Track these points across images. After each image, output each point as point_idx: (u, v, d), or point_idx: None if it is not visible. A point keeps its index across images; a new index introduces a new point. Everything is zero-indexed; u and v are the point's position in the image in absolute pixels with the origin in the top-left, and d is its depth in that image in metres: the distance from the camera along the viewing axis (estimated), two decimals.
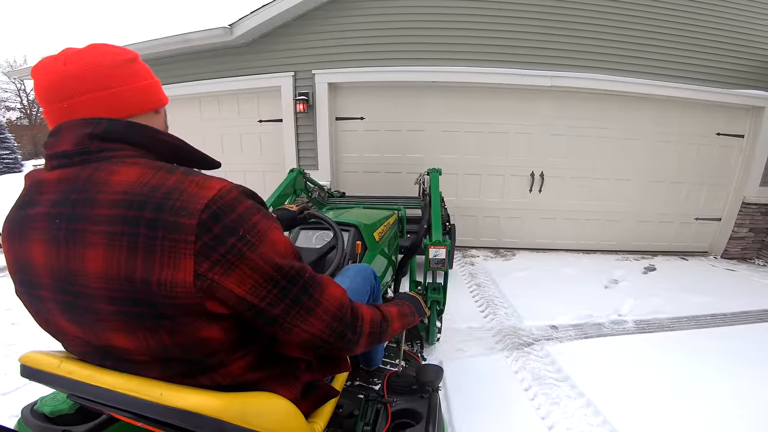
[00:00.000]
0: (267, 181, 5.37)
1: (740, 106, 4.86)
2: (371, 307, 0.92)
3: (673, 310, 3.59)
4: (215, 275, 0.62)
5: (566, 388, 2.45)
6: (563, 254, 5.22)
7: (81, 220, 0.63)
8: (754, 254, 5.43)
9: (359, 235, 2.17)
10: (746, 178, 5.03)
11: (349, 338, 0.81)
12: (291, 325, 0.72)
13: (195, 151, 0.79)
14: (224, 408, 0.63)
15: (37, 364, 0.73)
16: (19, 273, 0.72)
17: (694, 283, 4.31)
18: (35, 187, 0.70)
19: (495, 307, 3.56)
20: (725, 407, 2.27)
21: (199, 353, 0.69)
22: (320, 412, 0.97)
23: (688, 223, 5.39)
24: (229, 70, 4.91)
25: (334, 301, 0.77)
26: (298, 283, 0.71)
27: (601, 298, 3.80)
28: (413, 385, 1.34)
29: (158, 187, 0.62)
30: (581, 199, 5.18)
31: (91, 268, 0.62)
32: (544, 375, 2.58)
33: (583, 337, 3.06)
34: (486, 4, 4.47)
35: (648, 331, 3.23)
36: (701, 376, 2.56)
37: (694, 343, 2.98)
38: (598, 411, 2.23)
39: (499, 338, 3.02)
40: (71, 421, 0.87)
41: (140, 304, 0.62)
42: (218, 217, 0.62)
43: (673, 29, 4.58)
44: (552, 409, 2.27)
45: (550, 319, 3.33)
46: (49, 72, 0.68)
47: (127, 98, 0.73)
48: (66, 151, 0.67)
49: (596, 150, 4.98)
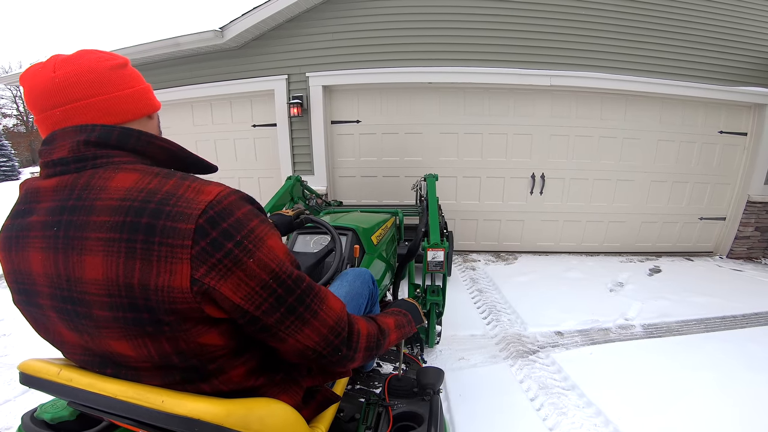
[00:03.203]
0: (262, 187, 5.34)
1: (742, 103, 4.87)
2: (368, 320, 0.93)
3: (680, 313, 3.55)
4: (211, 280, 0.61)
5: (574, 397, 2.40)
6: (566, 257, 5.19)
7: (79, 228, 0.63)
8: (761, 254, 5.41)
9: (357, 238, 2.16)
10: (750, 177, 5.03)
11: (344, 354, 0.81)
12: (285, 335, 0.71)
13: (191, 155, 0.79)
14: (226, 414, 0.64)
15: (37, 372, 0.74)
16: (16, 282, 0.72)
17: (701, 284, 4.29)
18: (31, 196, 0.71)
19: (498, 313, 3.51)
20: (739, 413, 2.22)
21: (199, 360, 0.69)
22: (322, 417, 0.98)
23: (693, 222, 5.38)
24: (222, 74, 4.89)
25: (333, 315, 0.77)
26: (295, 292, 0.71)
27: (606, 302, 3.75)
28: (414, 387, 1.34)
29: (155, 192, 0.62)
30: (583, 201, 5.16)
31: (89, 274, 0.62)
32: (551, 384, 2.53)
33: (590, 344, 3.00)
34: (483, 4, 4.47)
35: (656, 335, 3.18)
36: (714, 381, 2.51)
37: (704, 347, 2.94)
38: (608, 420, 2.19)
39: (502, 346, 2.96)
40: (72, 427, 0.87)
41: (139, 310, 0.62)
42: (216, 221, 0.62)
43: (674, 26, 4.59)
44: (560, 419, 2.22)
45: (555, 325, 3.28)
46: (38, 79, 0.69)
47: (119, 104, 0.73)
48: (62, 158, 0.67)
49: (597, 150, 4.98)
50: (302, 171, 4.98)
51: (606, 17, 4.52)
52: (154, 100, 0.82)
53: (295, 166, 5.02)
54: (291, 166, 5.00)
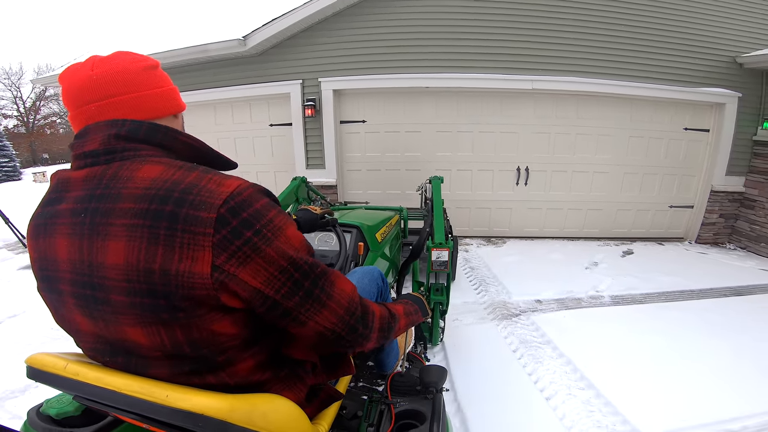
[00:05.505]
0: (278, 180, 5.60)
1: (704, 103, 5.06)
2: (379, 304, 0.92)
3: (645, 287, 3.83)
4: (231, 267, 0.61)
5: (548, 350, 2.71)
6: (550, 241, 5.43)
7: (105, 214, 0.63)
8: (726, 239, 5.59)
9: (361, 236, 2.13)
10: (713, 168, 5.23)
11: (361, 332, 0.80)
12: (306, 318, 0.71)
13: (213, 151, 0.80)
14: (230, 410, 0.62)
15: (43, 366, 0.72)
16: (41, 269, 0.72)
17: (667, 264, 4.53)
18: (61, 186, 0.71)
19: (487, 285, 3.82)
20: (681, 361, 2.55)
21: (210, 350, 0.67)
22: (324, 414, 0.95)
23: (664, 210, 5.58)
24: (242, 78, 5.10)
25: (345, 296, 0.77)
26: (311, 276, 0.71)
27: (581, 278, 4.03)
28: (417, 385, 1.29)
29: (179, 183, 0.63)
30: (563, 191, 5.41)
31: (111, 259, 0.62)
32: (530, 339, 2.84)
33: (564, 309, 3.32)
34: (474, 18, 4.71)
35: (622, 304, 3.48)
36: (665, 340, 2.82)
37: (661, 314, 3.24)
38: (576, 368, 2.49)
39: (490, 310, 3.28)
40: (77, 423, 0.85)
41: (156, 296, 0.61)
42: (236, 211, 0.62)
43: (642, 34, 4.79)
44: (537, 366, 2.53)
45: (536, 294, 3.59)
46: (77, 77, 0.70)
47: (149, 102, 0.74)
48: (93, 150, 0.68)
49: (575, 146, 5.21)
50: (315, 166, 5.24)
51: (581, 28, 4.73)
52: (180, 100, 0.83)
53: (308, 162, 5.26)
54: (304, 161, 5.25)
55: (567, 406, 2.17)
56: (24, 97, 28.49)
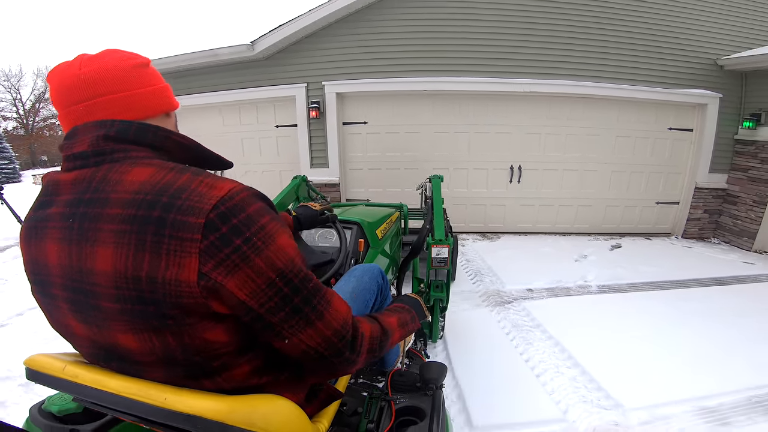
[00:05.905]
0: (283, 179, 5.71)
1: (688, 104, 5.24)
2: (371, 321, 0.87)
3: (631, 278, 4.01)
4: (218, 275, 0.58)
5: (538, 333, 2.89)
6: (542, 237, 5.60)
7: (93, 219, 0.61)
8: (710, 234, 5.75)
9: (362, 232, 2.09)
10: (697, 166, 5.41)
11: (347, 357, 0.74)
12: (288, 334, 0.67)
13: (207, 151, 0.77)
14: (230, 411, 0.61)
15: (42, 367, 0.71)
16: (33, 273, 0.70)
17: (653, 257, 4.71)
18: (52, 188, 0.69)
19: (482, 276, 4.01)
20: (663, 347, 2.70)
21: (203, 357, 0.65)
22: (324, 413, 0.93)
23: (651, 206, 5.75)
24: (249, 81, 5.26)
25: (338, 318, 0.72)
26: (301, 292, 0.66)
27: (571, 269, 4.22)
28: (417, 382, 1.27)
29: (168, 186, 0.60)
30: (555, 188, 5.59)
31: (100, 266, 0.60)
32: (521, 323, 3.03)
33: (554, 297, 3.52)
34: (469, 23, 4.90)
35: (608, 292, 3.68)
36: (647, 325, 2.99)
37: (645, 302, 3.42)
38: (564, 349, 2.67)
39: (485, 298, 3.47)
40: (79, 419, 0.83)
41: (146, 303, 0.59)
42: (226, 217, 0.59)
43: (629, 39, 4.97)
44: (527, 347, 2.71)
45: (527, 284, 3.78)
46: (65, 75, 0.67)
47: (139, 101, 0.71)
48: (82, 152, 0.66)
49: (565, 145, 5.39)
50: (319, 165, 5.40)
51: (572, 35, 4.92)
52: (172, 98, 0.79)
53: (312, 161, 5.42)
54: (309, 160, 5.41)
55: (555, 382, 2.33)
56: (23, 99, 28.16)
